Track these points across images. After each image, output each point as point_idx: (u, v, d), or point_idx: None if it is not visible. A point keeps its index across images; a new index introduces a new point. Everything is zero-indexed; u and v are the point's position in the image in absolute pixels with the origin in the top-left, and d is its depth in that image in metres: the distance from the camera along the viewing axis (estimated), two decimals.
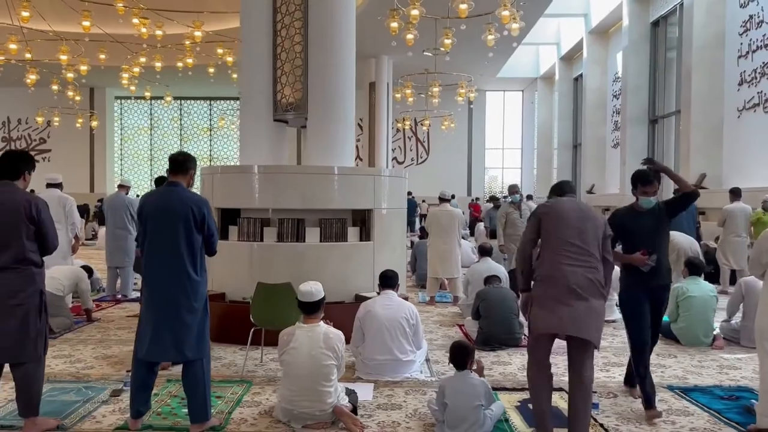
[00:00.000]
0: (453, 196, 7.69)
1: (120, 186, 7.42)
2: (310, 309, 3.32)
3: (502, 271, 6.09)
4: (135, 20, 12.90)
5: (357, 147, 19.84)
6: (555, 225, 3.14)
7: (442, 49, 14.07)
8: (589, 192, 18.58)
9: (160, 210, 3.21)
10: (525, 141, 26.78)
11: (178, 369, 4.09)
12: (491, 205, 13.12)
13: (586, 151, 19.36)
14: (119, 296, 7.29)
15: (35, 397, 3.19)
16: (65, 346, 5.02)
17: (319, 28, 5.75)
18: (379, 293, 4.47)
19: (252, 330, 4.38)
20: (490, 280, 5.41)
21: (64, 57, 14.53)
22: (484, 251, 6.32)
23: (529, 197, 14.27)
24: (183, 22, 14.73)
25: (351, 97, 5.96)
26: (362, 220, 5.69)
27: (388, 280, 4.36)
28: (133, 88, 18.88)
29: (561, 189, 3.40)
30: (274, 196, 5.50)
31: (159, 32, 13.52)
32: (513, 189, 7.86)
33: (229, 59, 15.87)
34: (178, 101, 26.24)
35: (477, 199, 22.00)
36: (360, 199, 5.59)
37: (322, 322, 3.35)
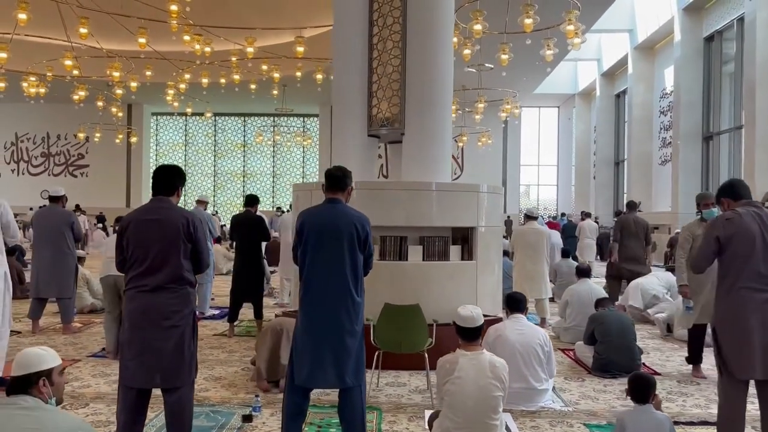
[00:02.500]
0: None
1: (199, 201, 7.33)
2: (473, 335, 3.11)
3: (603, 293, 5.84)
4: (186, 37, 12.98)
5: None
6: (739, 249, 2.94)
7: (487, 64, 14.01)
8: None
9: (323, 227, 3.05)
10: (561, 157, 26.50)
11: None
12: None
13: (631, 168, 19.02)
14: (197, 313, 7.14)
15: (187, 424, 3.02)
16: None
17: (419, 40, 5.63)
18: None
19: (377, 353, 4.19)
20: (603, 303, 5.17)
21: (116, 74, 14.67)
22: (582, 272, 6.08)
23: (587, 215, 13.95)
24: (231, 39, 14.81)
25: (449, 111, 5.82)
26: (463, 238, 5.49)
27: (517, 304, 4.15)
28: (176, 104, 19.04)
29: (734, 192, 3.15)
30: (373, 212, 5.29)
31: (207, 49, 13.56)
32: (707, 199, 4.83)
33: (276, 75, 15.93)
34: (213, 117, 26.38)
35: (563, 215, 19.95)
36: (462, 216, 5.40)
37: (485, 350, 3.14)
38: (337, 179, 3.16)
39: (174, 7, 11.17)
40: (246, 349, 5.68)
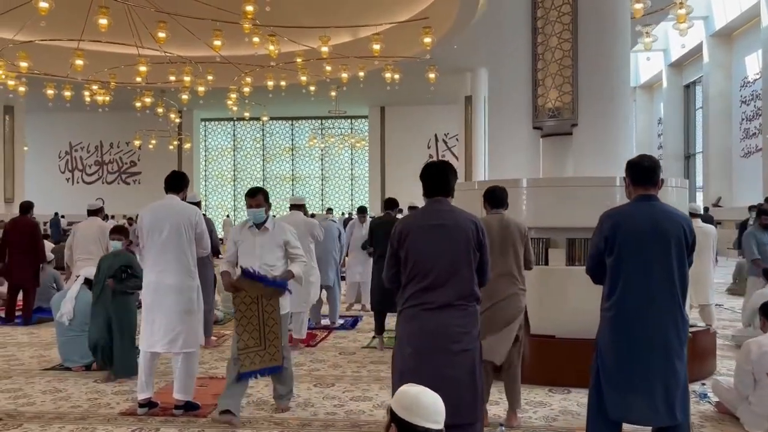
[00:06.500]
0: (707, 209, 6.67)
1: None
2: None
3: None
4: (255, 38, 12.68)
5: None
6: None
7: None
8: (715, 205, 17.32)
9: (644, 230, 2.54)
10: None
11: None
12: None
13: (709, 162, 18.14)
14: (328, 323, 6.69)
15: None
16: (363, 386, 4.41)
17: (593, 21, 5.08)
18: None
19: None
20: None
21: (187, 78, 14.46)
22: None
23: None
24: (295, 40, 14.47)
25: (627, 96, 5.29)
26: None
27: None
28: (235, 108, 18.81)
29: None
30: (557, 212, 4.83)
31: (274, 50, 13.19)
32: None
33: (344, 75, 15.55)
34: (260, 122, 26.18)
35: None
36: None
37: None
38: (648, 171, 2.65)
39: (249, 8, 10.84)
40: None
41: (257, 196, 3.68)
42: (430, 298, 2.52)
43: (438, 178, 2.64)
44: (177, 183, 3.82)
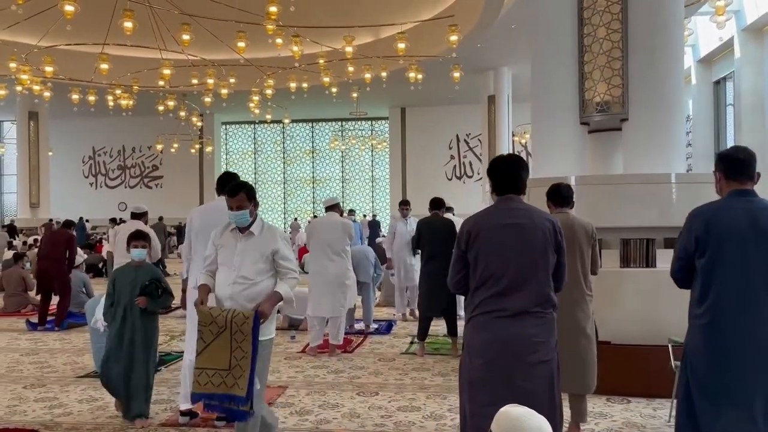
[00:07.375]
0: None
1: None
2: None
3: None
4: (279, 40, 12.57)
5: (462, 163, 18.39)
6: None
7: None
8: None
9: (744, 227, 2.31)
10: None
11: None
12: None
13: None
14: (362, 327, 6.50)
15: None
16: (409, 395, 4.21)
17: (644, 10, 4.84)
18: None
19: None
20: None
21: (210, 81, 14.43)
22: None
23: None
24: (320, 41, 14.36)
25: (681, 90, 5.03)
26: None
27: None
28: (257, 111, 18.76)
29: None
30: (609, 211, 4.59)
31: (298, 51, 13.07)
32: None
33: (367, 76, 15.39)
34: (280, 124, 26.12)
35: None
36: None
37: None
38: (744, 164, 2.41)
39: (273, 9, 10.72)
40: (453, 370, 4.99)
41: (238, 195, 2.87)
42: (504, 305, 2.31)
43: (509, 173, 2.43)
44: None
